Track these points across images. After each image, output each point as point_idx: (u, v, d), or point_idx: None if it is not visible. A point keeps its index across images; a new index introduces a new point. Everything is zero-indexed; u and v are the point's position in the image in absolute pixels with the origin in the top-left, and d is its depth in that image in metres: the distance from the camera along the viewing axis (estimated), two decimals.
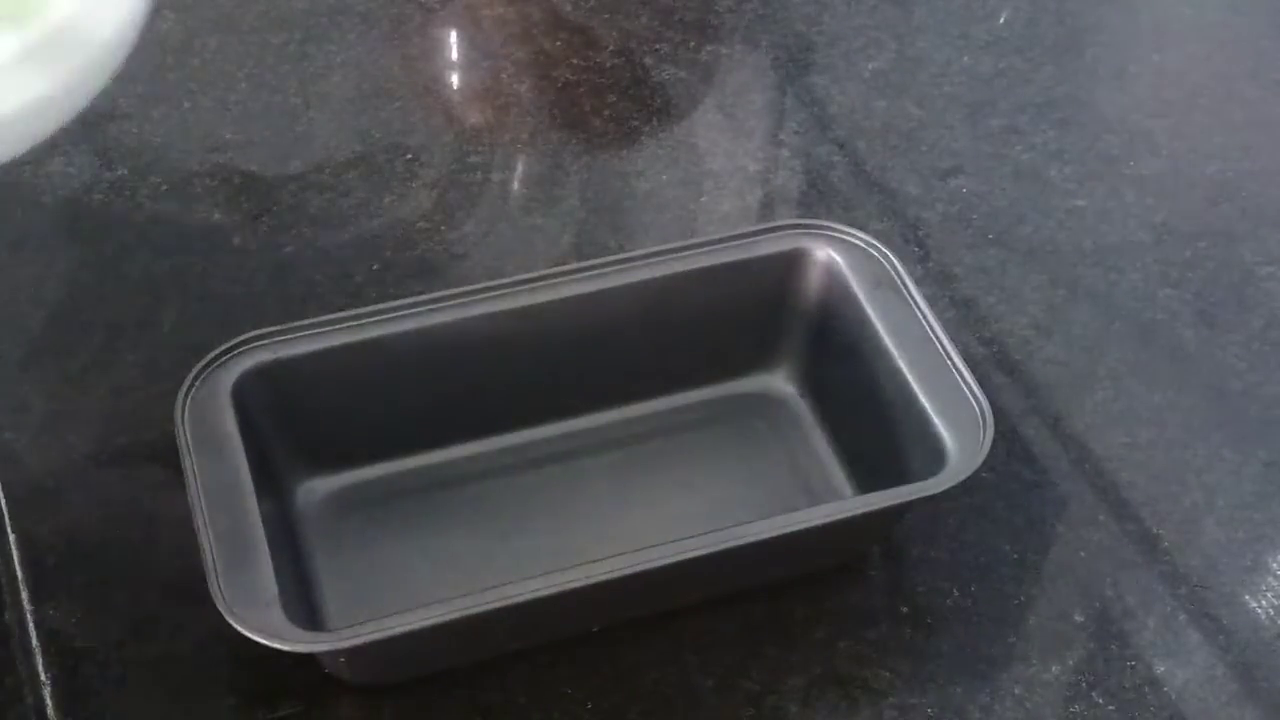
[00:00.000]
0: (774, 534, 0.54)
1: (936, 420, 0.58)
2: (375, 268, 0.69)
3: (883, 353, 0.61)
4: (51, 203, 0.72)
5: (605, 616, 0.57)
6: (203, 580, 0.51)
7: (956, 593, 0.59)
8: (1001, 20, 0.86)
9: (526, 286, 0.61)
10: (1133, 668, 0.57)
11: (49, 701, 0.54)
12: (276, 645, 0.50)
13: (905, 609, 0.59)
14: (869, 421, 0.63)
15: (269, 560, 0.53)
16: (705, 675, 0.56)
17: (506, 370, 0.62)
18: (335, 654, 0.51)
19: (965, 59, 0.84)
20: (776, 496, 0.62)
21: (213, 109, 0.75)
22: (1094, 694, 0.56)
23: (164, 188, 0.73)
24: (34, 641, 0.55)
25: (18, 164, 0.74)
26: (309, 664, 0.53)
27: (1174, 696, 0.56)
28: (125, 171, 0.74)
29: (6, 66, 0.50)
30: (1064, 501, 0.63)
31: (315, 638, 0.52)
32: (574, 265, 0.61)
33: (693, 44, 0.81)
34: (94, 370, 0.65)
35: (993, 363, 0.67)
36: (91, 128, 0.76)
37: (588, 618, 0.57)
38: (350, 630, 0.51)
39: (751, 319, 0.65)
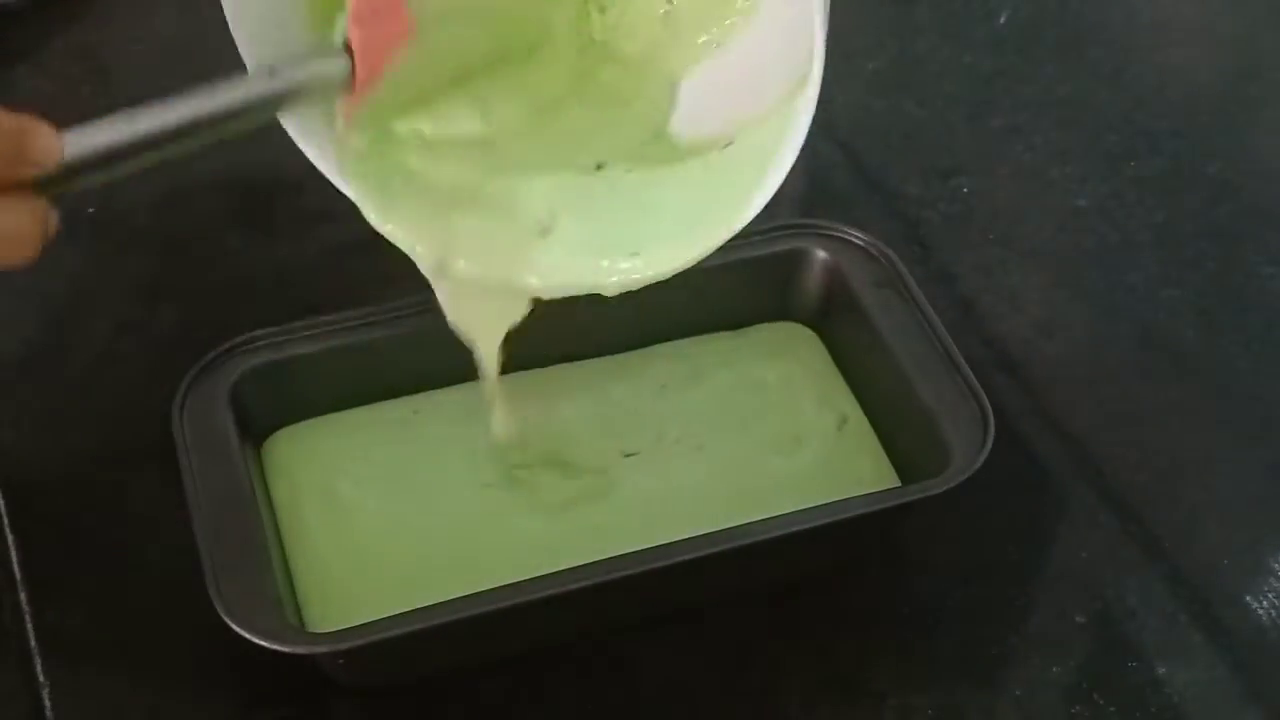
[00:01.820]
0: (774, 535, 0.54)
1: (937, 420, 0.58)
2: (376, 269, 0.69)
3: (883, 353, 0.61)
4: None
5: (606, 618, 0.57)
6: (202, 581, 0.51)
7: (957, 593, 0.59)
8: (1002, 20, 0.86)
9: None
10: (1134, 668, 0.57)
11: (47, 703, 0.54)
12: (275, 647, 0.50)
13: (905, 609, 0.59)
14: (869, 421, 0.63)
15: (268, 561, 0.53)
16: (705, 676, 0.56)
17: (506, 371, 0.62)
18: (334, 655, 0.51)
19: (966, 59, 0.83)
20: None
21: None
22: (1095, 695, 0.56)
23: (164, 188, 0.73)
24: (32, 642, 0.55)
25: None
26: (308, 665, 0.53)
27: (1175, 698, 0.56)
28: None
29: None
30: (1064, 501, 0.62)
31: (314, 639, 0.52)
32: None
33: None
34: (94, 370, 0.65)
35: (993, 363, 0.67)
36: None
37: (588, 619, 0.57)
38: (349, 632, 0.51)
39: (751, 320, 0.65)
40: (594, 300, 0.54)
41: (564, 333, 0.61)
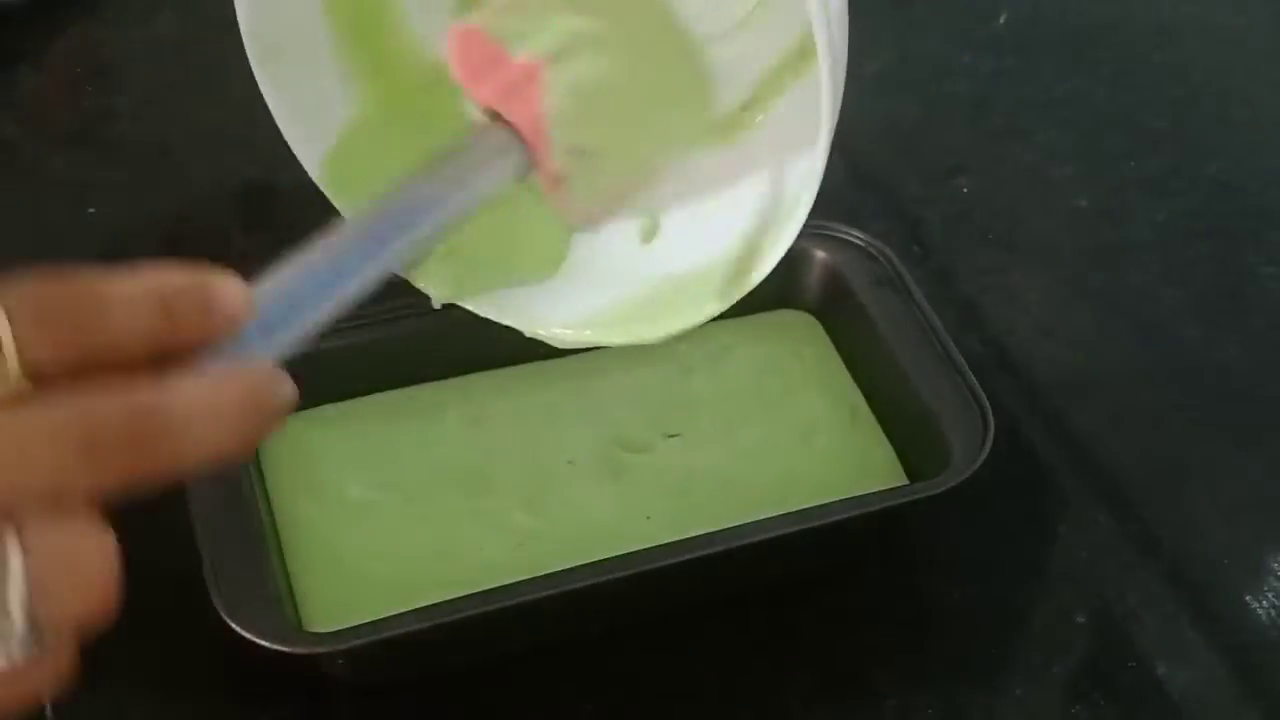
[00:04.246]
0: (774, 535, 0.54)
1: (937, 420, 0.58)
2: None
3: (883, 353, 0.61)
4: (52, 204, 0.72)
5: (607, 617, 0.57)
6: (202, 580, 0.51)
7: (957, 593, 0.59)
8: (1002, 20, 0.86)
9: None
10: (1134, 668, 0.57)
11: (47, 703, 0.54)
12: (275, 647, 0.50)
13: (906, 609, 0.59)
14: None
15: (268, 561, 0.53)
16: (706, 676, 0.56)
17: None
18: (334, 655, 0.51)
19: (965, 58, 0.83)
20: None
21: (213, 109, 0.75)
22: (1095, 695, 0.56)
23: (164, 189, 0.73)
24: None
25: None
26: (308, 665, 0.53)
27: (1176, 698, 0.56)
28: (125, 173, 0.74)
29: None
30: (1064, 501, 0.62)
31: (314, 639, 0.52)
32: None
33: None
34: None
35: (993, 363, 0.67)
36: (91, 128, 0.76)
37: (590, 619, 0.57)
38: (349, 632, 0.51)
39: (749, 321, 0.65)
40: None
41: None
